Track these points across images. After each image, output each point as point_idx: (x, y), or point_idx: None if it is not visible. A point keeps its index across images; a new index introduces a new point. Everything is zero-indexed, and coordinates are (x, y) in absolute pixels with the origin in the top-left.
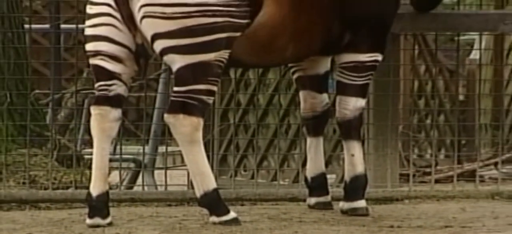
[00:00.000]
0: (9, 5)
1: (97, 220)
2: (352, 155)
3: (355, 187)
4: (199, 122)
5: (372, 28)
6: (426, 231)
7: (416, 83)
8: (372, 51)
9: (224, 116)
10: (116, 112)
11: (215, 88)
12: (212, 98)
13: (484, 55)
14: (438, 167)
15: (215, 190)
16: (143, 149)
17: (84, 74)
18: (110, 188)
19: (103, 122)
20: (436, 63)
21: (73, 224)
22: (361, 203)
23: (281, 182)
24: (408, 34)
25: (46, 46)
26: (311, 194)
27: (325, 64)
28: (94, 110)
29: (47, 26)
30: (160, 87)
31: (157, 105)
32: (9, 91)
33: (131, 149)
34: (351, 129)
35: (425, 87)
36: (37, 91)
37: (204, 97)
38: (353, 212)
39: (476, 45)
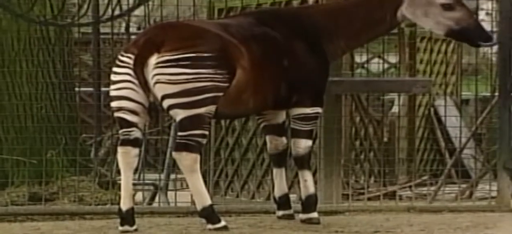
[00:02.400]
0: (65, 74)
1: (126, 227)
2: (305, 180)
3: (309, 203)
4: (197, 157)
5: (310, 90)
6: None
7: (353, 130)
8: (314, 106)
9: (217, 153)
10: (136, 150)
11: (207, 132)
12: (205, 139)
13: (402, 110)
14: (369, 189)
15: (211, 206)
16: (159, 176)
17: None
18: (136, 204)
19: (126, 158)
20: (367, 115)
21: (109, 230)
22: (314, 215)
23: (258, 200)
24: (347, 94)
25: (91, 103)
26: (278, 208)
27: (281, 116)
28: (120, 150)
29: (91, 89)
30: (172, 132)
31: (169, 145)
32: (64, 135)
33: (151, 176)
34: (303, 162)
35: (360, 133)
36: (84, 135)
37: (199, 139)
38: (308, 221)
39: (396, 102)
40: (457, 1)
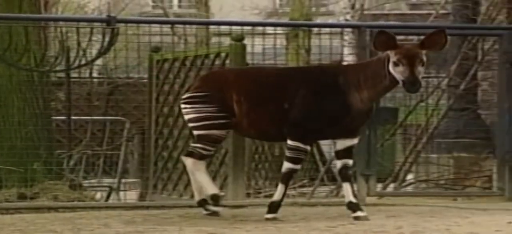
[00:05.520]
0: (45, 107)
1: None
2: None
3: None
4: (195, 161)
5: (294, 127)
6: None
7: (254, 147)
8: (294, 141)
9: (155, 163)
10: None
11: (208, 146)
12: (206, 151)
13: None
14: (265, 189)
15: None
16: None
17: None
18: (96, 201)
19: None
20: None
21: (76, 220)
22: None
23: (185, 198)
24: None
25: (63, 128)
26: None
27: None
28: (185, 161)
29: (64, 117)
30: (122, 149)
31: (121, 157)
32: (44, 151)
33: (108, 180)
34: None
35: (258, 149)
36: (58, 151)
37: (200, 150)
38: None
39: None
40: (399, 60)
